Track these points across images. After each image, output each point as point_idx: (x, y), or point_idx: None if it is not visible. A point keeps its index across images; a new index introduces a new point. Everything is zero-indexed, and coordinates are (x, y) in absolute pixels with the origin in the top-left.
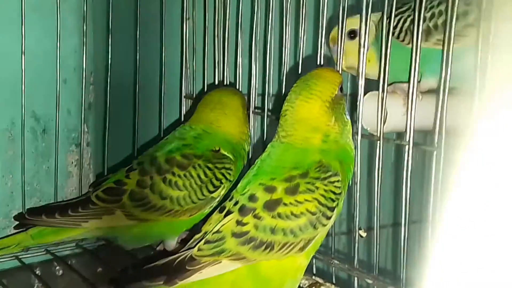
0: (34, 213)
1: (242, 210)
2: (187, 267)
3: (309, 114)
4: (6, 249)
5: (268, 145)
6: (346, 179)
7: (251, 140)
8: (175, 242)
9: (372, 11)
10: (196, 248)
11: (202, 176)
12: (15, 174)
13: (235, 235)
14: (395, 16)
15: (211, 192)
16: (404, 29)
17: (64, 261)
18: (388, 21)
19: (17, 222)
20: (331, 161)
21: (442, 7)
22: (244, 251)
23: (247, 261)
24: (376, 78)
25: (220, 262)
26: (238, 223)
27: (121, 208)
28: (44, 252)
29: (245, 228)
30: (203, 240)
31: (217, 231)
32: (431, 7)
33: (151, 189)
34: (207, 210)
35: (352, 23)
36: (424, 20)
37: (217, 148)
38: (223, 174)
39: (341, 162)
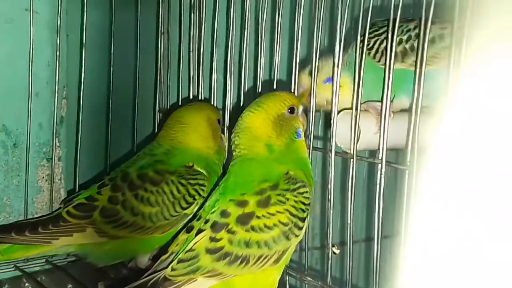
0: (3, 230)
1: (215, 227)
2: None
3: (251, 123)
4: None
5: (229, 167)
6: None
7: (226, 154)
8: (148, 259)
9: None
10: (169, 268)
11: (175, 192)
12: None
13: (209, 251)
14: (372, 38)
15: (184, 209)
16: (380, 50)
17: (33, 277)
18: (361, 42)
19: None
20: (296, 171)
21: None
22: (220, 267)
23: (223, 277)
24: (350, 105)
25: (196, 280)
26: (212, 239)
27: (92, 224)
28: (13, 269)
29: (219, 244)
30: (175, 260)
31: (190, 249)
32: (408, 30)
33: (122, 205)
34: (180, 226)
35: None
36: (401, 42)
37: (191, 164)
38: (196, 190)
39: (303, 171)
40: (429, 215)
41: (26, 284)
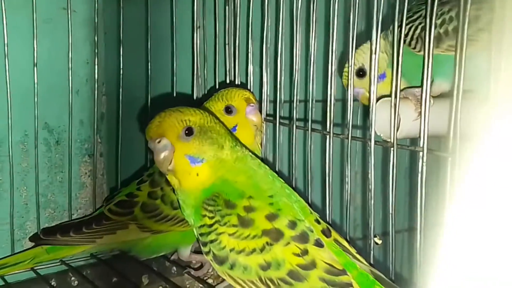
0: (48, 232)
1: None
2: None
3: None
4: (21, 264)
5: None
6: None
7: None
8: (189, 251)
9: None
10: None
11: None
12: (29, 186)
13: None
14: (407, 24)
15: None
16: (415, 36)
17: (79, 271)
18: (399, 29)
19: (32, 233)
20: None
21: (453, 13)
22: None
23: None
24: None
25: None
26: None
27: (133, 220)
28: (59, 263)
29: None
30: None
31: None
32: (442, 14)
33: (162, 200)
34: None
35: (360, 58)
36: (435, 27)
37: None
38: None
39: None
40: (472, 203)
41: (72, 278)
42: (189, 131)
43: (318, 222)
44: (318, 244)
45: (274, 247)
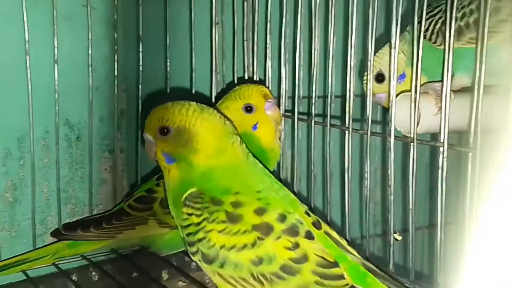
0: (69, 228)
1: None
2: None
3: None
4: (43, 259)
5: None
6: None
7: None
8: None
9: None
10: None
11: None
12: (50, 182)
13: None
14: (427, 19)
15: None
16: (435, 31)
17: (99, 266)
18: (419, 24)
19: (53, 228)
20: None
21: (473, 6)
22: None
23: None
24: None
25: None
26: None
27: (153, 216)
28: (80, 258)
29: None
30: None
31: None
32: (462, 7)
33: None
34: None
35: (377, 63)
36: (456, 20)
37: None
38: None
39: None
40: (494, 199)
41: (93, 273)
42: (165, 130)
43: (308, 215)
44: (309, 236)
45: (265, 242)
